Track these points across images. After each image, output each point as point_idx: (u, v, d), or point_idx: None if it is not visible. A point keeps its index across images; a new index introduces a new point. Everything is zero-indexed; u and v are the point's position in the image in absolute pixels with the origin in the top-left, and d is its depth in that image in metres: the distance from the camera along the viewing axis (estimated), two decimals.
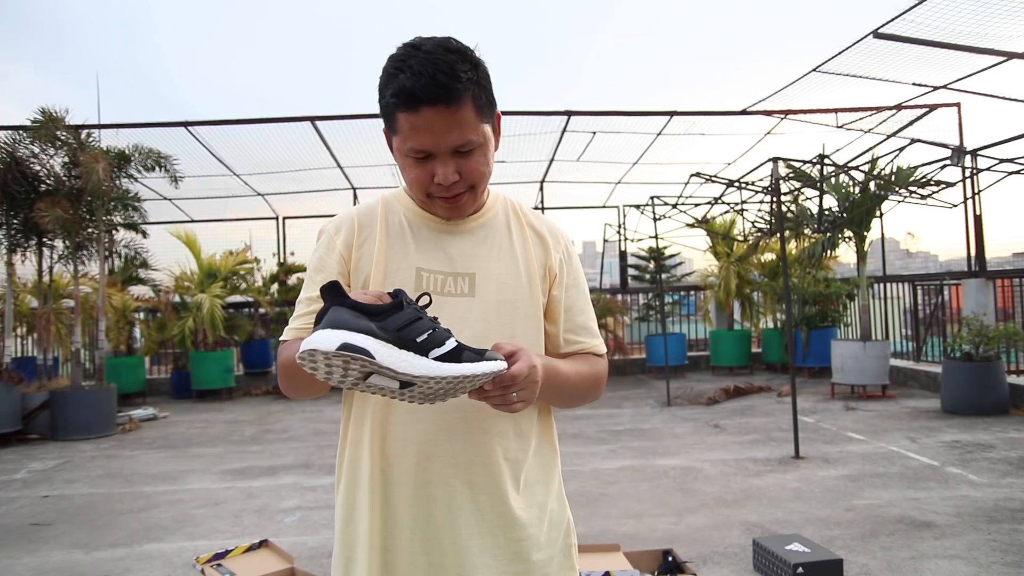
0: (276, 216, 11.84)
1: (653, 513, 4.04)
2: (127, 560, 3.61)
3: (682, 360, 10.37)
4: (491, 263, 1.21)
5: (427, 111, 1.07)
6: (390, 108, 1.10)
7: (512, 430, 1.20)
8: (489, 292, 1.20)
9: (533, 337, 1.23)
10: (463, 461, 1.16)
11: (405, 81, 1.06)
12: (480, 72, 1.11)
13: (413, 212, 1.23)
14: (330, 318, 0.95)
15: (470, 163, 1.13)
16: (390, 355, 0.93)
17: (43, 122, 7.31)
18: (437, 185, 1.13)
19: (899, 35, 6.36)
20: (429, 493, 1.16)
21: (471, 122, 1.11)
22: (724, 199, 9.21)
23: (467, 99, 1.09)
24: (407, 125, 1.09)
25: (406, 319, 0.96)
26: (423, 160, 1.12)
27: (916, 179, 7.44)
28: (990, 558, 3.20)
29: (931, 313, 9.08)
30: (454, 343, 0.97)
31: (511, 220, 1.27)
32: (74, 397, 7.20)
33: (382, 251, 1.20)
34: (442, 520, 1.16)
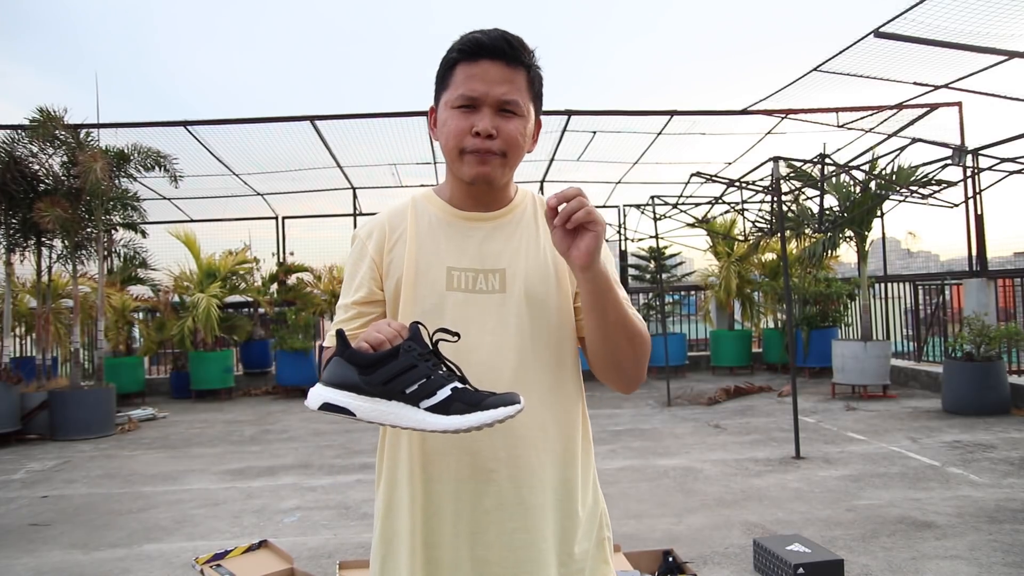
0: (275, 216, 11.83)
1: (653, 513, 4.03)
2: (126, 560, 3.60)
3: (682, 360, 10.36)
4: (519, 258, 1.22)
5: (486, 62, 1.14)
6: (452, 63, 1.17)
7: (551, 423, 1.20)
8: (518, 287, 1.20)
9: (563, 330, 1.23)
10: (504, 456, 1.17)
11: (475, 35, 1.16)
12: (537, 63, 1.20)
13: (443, 210, 1.25)
14: (327, 371, 1.00)
15: (509, 126, 1.16)
16: (373, 410, 0.96)
17: (41, 121, 7.30)
18: (474, 136, 1.15)
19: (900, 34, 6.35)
20: (472, 488, 1.16)
21: (521, 88, 1.17)
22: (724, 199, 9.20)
23: (522, 70, 1.17)
24: (463, 75, 1.15)
25: (396, 370, 0.97)
26: (467, 111, 1.15)
27: (917, 179, 7.43)
28: (991, 558, 3.19)
29: (932, 313, 9.06)
30: (447, 393, 0.97)
31: (538, 214, 1.27)
32: (73, 397, 7.18)
33: (412, 252, 1.21)
34: (485, 515, 1.16)
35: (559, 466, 1.21)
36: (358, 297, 1.23)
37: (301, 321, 10.06)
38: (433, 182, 11.59)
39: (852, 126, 9.39)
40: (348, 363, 0.98)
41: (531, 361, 1.19)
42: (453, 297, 1.19)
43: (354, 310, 1.23)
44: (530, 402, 1.13)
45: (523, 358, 1.18)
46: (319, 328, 11.54)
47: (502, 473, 1.17)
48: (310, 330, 10.33)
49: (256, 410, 8.62)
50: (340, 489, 4.77)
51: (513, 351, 1.18)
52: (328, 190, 11.36)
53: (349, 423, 7.41)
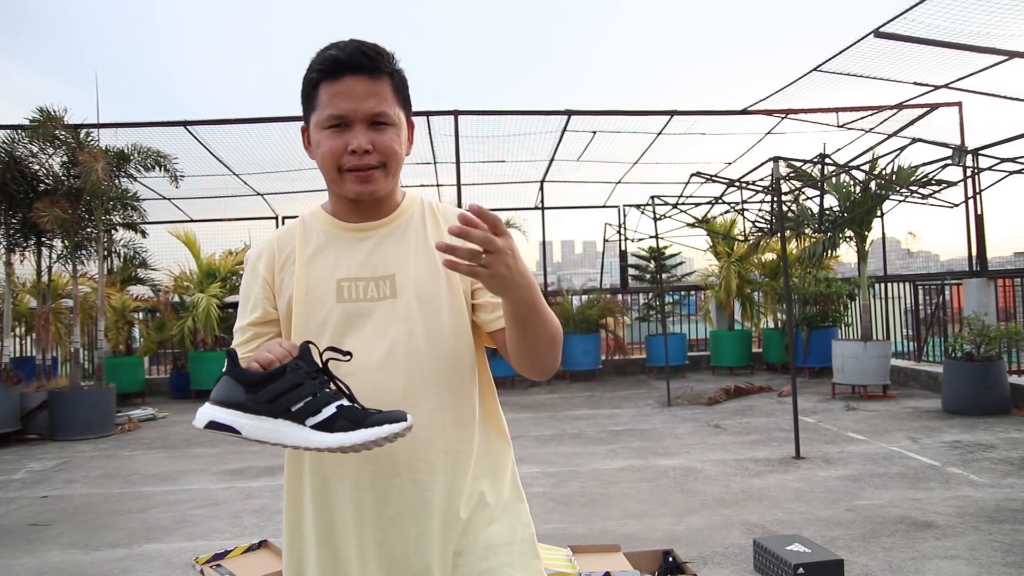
0: (275, 216, 11.83)
1: (653, 513, 4.03)
2: (126, 560, 3.60)
3: (682, 360, 10.35)
4: (408, 262, 1.22)
5: (349, 78, 1.14)
6: (313, 83, 1.17)
7: (451, 422, 1.19)
8: (409, 291, 1.20)
9: (458, 329, 1.23)
10: (404, 458, 1.15)
11: (331, 52, 1.15)
12: (399, 68, 1.20)
13: (331, 224, 1.26)
14: (215, 390, 1.01)
15: (383, 137, 1.17)
16: (259, 428, 0.97)
17: (41, 121, 7.30)
18: (350, 155, 1.15)
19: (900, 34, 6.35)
20: (374, 496, 1.16)
21: (388, 98, 1.17)
22: (724, 199, 9.20)
23: (386, 78, 1.17)
24: (327, 94, 1.15)
25: (282, 388, 0.97)
26: (339, 130, 1.16)
27: (917, 179, 7.43)
28: (991, 558, 3.19)
29: (932, 313, 9.06)
30: (332, 410, 0.97)
31: (427, 218, 1.28)
32: (73, 397, 7.18)
33: (302, 270, 1.22)
34: (389, 522, 1.15)
35: (464, 466, 1.20)
36: (253, 318, 1.24)
37: None
38: (433, 182, 11.59)
39: (852, 126, 9.39)
40: (236, 381, 0.99)
41: (426, 362, 1.18)
42: (345, 308, 1.19)
43: (250, 331, 1.24)
44: (428, 403, 1.16)
45: (418, 360, 1.18)
46: None
47: (403, 477, 1.16)
48: None
49: None
50: None
51: (407, 355, 1.17)
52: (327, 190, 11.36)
53: None
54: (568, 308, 10.20)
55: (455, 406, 1.20)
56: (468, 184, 9.45)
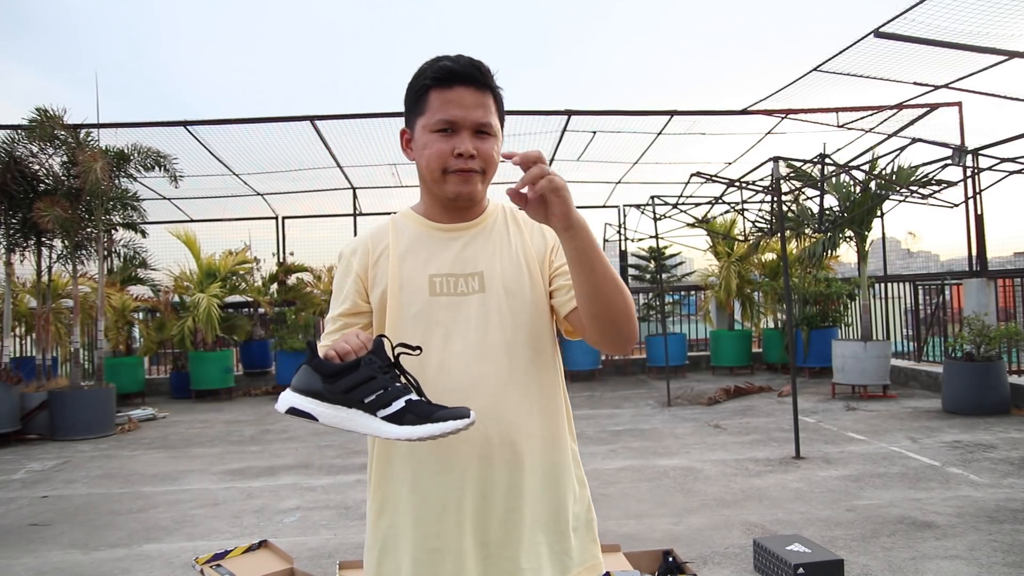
0: (275, 216, 11.83)
1: (653, 513, 4.03)
2: (126, 560, 3.60)
3: (682, 360, 10.35)
4: (495, 260, 1.32)
5: (460, 88, 1.24)
6: (425, 89, 1.25)
7: (537, 409, 1.30)
8: (496, 286, 1.30)
9: (540, 321, 1.33)
10: (497, 442, 1.25)
11: (445, 63, 1.25)
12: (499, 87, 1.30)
13: (422, 224, 1.36)
14: (295, 378, 1.08)
15: (486, 146, 1.26)
16: (335, 416, 1.05)
17: (40, 121, 7.30)
18: (456, 157, 1.25)
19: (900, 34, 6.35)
20: (471, 476, 1.24)
21: (492, 110, 1.27)
22: (724, 199, 9.20)
23: (490, 93, 1.27)
24: (439, 101, 1.24)
25: (356, 380, 1.05)
26: (447, 135, 1.25)
27: (917, 179, 7.43)
28: (991, 558, 3.19)
29: (932, 313, 9.06)
30: (401, 404, 1.05)
31: (509, 222, 1.38)
32: (73, 397, 7.18)
33: (395, 265, 1.32)
34: (483, 500, 1.24)
35: (548, 449, 1.30)
36: (343, 309, 1.33)
37: (301, 321, 10.06)
38: None
39: (852, 126, 9.39)
40: (314, 371, 1.07)
41: (515, 352, 1.28)
42: (436, 301, 1.29)
43: (340, 321, 1.33)
44: (517, 390, 1.27)
45: (508, 350, 1.28)
46: (319, 328, 11.54)
47: (496, 459, 1.24)
48: (310, 330, 10.33)
49: (256, 410, 8.62)
50: (340, 489, 4.77)
51: (496, 345, 1.27)
52: (328, 190, 11.37)
53: None
54: None
55: (541, 392, 1.31)
56: None
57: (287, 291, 10.86)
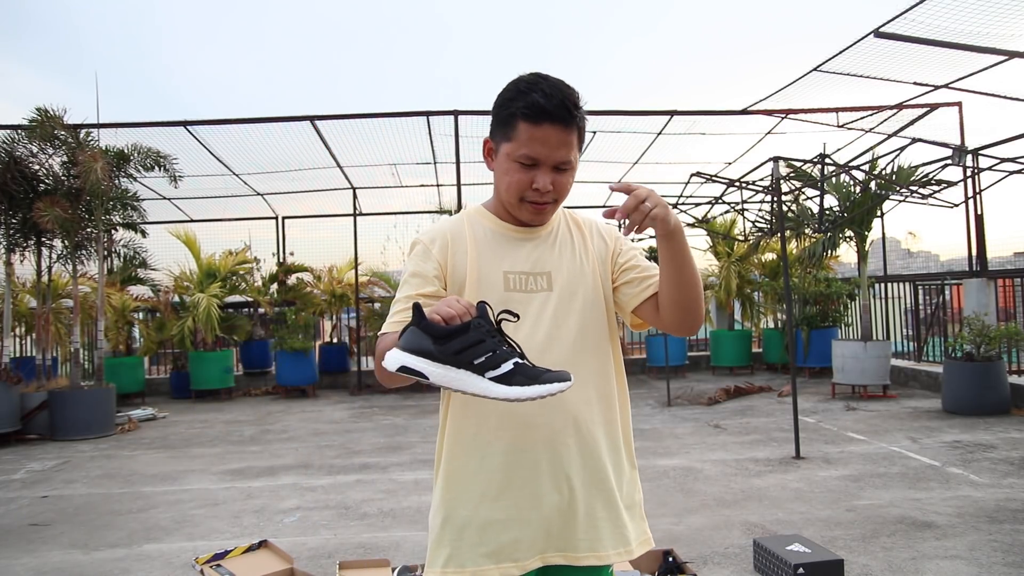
0: (275, 216, 11.83)
1: (653, 513, 4.02)
2: (126, 560, 3.60)
3: (682, 360, 10.36)
4: (562, 262, 1.44)
5: (548, 127, 1.30)
6: (514, 118, 1.32)
7: (596, 398, 1.42)
8: (562, 286, 1.42)
9: (601, 319, 1.45)
10: (560, 427, 1.36)
11: (539, 99, 1.30)
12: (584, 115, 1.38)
13: (496, 224, 1.45)
14: (404, 338, 1.12)
15: (563, 179, 1.37)
16: (445, 376, 1.09)
17: (40, 121, 7.30)
18: (534, 191, 1.35)
19: (900, 34, 6.35)
20: (532, 458, 1.35)
21: (574, 147, 1.36)
22: (724, 199, 9.20)
23: (575, 128, 1.35)
24: (526, 135, 1.31)
25: (467, 342, 1.09)
26: (528, 167, 1.34)
27: (917, 179, 7.43)
28: (991, 558, 3.19)
29: (932, 313, 9.06)
30: (510, 366, 1.09)
31: (572, 228, 1.50)
32: (73, 397, 7.18)
33: (474, 258, 1.41)
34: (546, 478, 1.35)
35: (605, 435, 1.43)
36: (428, 291, 1.38)
37: (301, 321, 10.06)
38: (433, 182, 11.59)
39: (852, 126, 9.39)
40: (424, 333, 1.10)
41: (578, 344, 1.40)
42: (510, 296, 1.39)
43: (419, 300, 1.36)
44: (579, 380, 1.31)
45: (571, 343, 1.39)
46: (319, 328, 11.54)
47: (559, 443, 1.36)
48: (310, 330, 10.33)
49: (256, 410, 8.62)
50: (340, 489, 4.77)
51: (562, 338, 1.39)
52: (328, 190, 11.36)
53: (349, 423, 7.41)
54: None
55: (600, 383, 1.43)
56: (468, 184, 9.44)
57: (287, 291, 10.86)
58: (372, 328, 10.41)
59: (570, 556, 1.37)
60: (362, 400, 9.11)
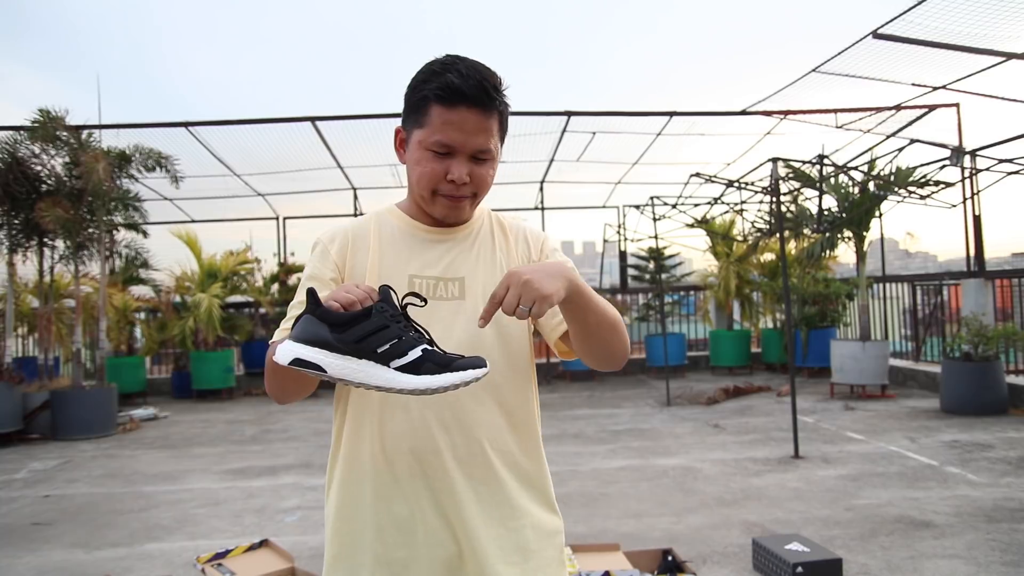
0: (276, 216, 11.85)
1: (653, 513, 4.05)
2: (128, 560, 3.62)
3: (682, 360, 10.37)
4: (478, 268, 1.28)
5: (464, 110, 1.16)
6: (426, 101, 1.17)
7: (505, 423, 1.25)
8: (476, 295, 1.26)
9: (520, 336, 1.29)
10: (463, 454, 1.21)
11: (453, 79, 1.15)
12: (507, 102, 1.23)
13: (406, 223, 1.31)
14: (297, 328, 0.99)
15: (482, 171, 1.22)
16: (344, 367, 0.97)
17: (42, 122, 7.32)
18: (448, 183, 1.20)
19: (898, 35, 6.37)
20: (431, 486, 1.20)
21: (494, 134, 1.21)
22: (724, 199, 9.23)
23: (496, 114, 1.21)
24: (440, 119, 1.17)
25: (369, 329, 0.98)
26: (442, 156, 1.19)
27: (915, 179, 7.45)
28: (989, 557, 3.21)
29: (930, 313, 9.08)
30: (418, 353, 0.98)
31: (495, 230, 1.34)
32: (75, 397, 7.21)
33: (375, 259, 1.27)
34: (446, 513, 1.20)
35: (514, 464, 1.26)
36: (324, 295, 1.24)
37: None
38: None
39: (851, 127, 9.41)
40: (320, 321, 0.98)
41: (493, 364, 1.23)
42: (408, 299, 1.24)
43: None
44: (488, 403, 1.22)
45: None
46: None
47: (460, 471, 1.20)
48: None
49: (257, 410, 8.64)
50: None
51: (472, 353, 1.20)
52: (329, 190, 11.38)
53: None
54: None
55: (513, 409, 1.26)
56: None
57: (288, 291, 10.87)
58: None
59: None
60: None
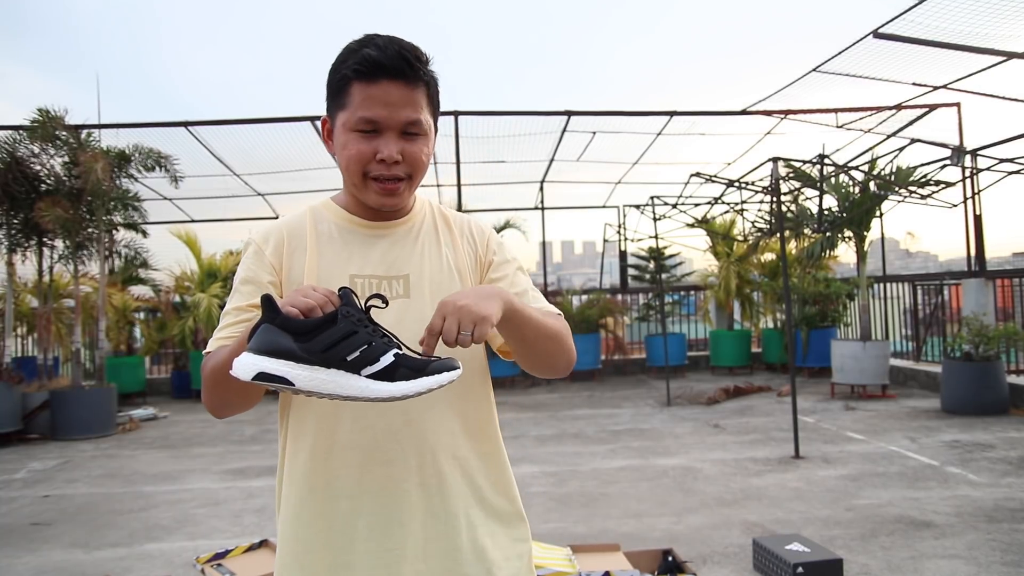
0: (276, 216, 11.84)
1: (653, 513, 4.05)
2: (127, 560, 3.61)
3: (682, 360, 10.37)
4: (423, 263, 1.21)
5: (386, 83, 1.10)
6: (346, 80, 1.11)
7: (460, 428, 1.19)
8: (423, 291, 1.19)
9: None
10: (415, 464, 1.14)
11: (370, 52, 1.09)
12: (435, 75, 1.16)
13: (343, 218, 1.23)
14: (256, 339, 0.92)
15: (414, 148, 1.14)
16: (313, 378, 0.91)
17: (42, 122, 7.31)
18: (378, 163, 1.13)
19: (899, 35, 6.36)
20: (383, 501, 1.13)
21: (423, 106, 1.14)
22: (724, 199, 9.22)
23: (422, 85, 1.13)
24: (361, 96, 1.10)
25: (336, 337, 0.92)
26: (369, 135, 1.12)
27: (916, 179, 7.44)
28: (990, 558, 3.21)
29: (931, 313, 9.08)
30: (390, 359, 0.93)
31: (438, 222, 1.27)
32: (74, 397, 7.20)
33: (314, 259, 1.18)
34: (399, 527, 1.13)
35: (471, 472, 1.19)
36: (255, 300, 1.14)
37: None
38: (433, 182, 11.61)
39: (851, 126, 9.41)
40: (281, 330, 0.91)
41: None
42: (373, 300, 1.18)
43: (248, 313, 1.15)
44: (439, 406, 1.15)
45: None
46: None
47: (412, 481, 1.14)
48: None
49: (256, 410, 8.63)
50: None
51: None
52: (328, 190, 11.34)
53: None
54: (568, 308, 10.21)
55: (466, 412, 1.20)
56: (468, 184, 9.47)
57: None
58: None
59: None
60: None
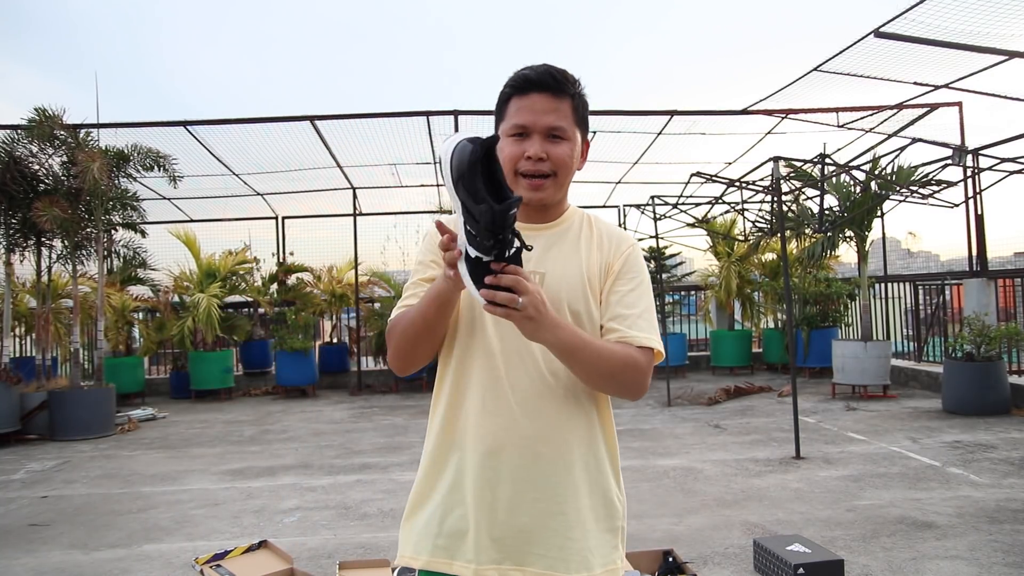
0: (275, 216, 11.83)
1: (653, 513, 4.03)
2: (126, 561, 3.60)
3: (683, 360, 10.36)
4: (559, 264, 1.36)
5: (535, 95, 1.31)
6: (505, 97, 1.34)
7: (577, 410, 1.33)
8: (556, 290, 1.33)
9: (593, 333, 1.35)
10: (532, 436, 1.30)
11: (524, 72, 1.32)
12: (582, 93, 1.36)
13: None
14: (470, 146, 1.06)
15: (558, 149, 1.32)
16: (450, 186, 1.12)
17: (40, 121, 7.30)
18: (526, 160, 1.31)
19: (900, 34, 6.34)
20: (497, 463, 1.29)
21: (567, 115, 1.33)
22: (725, 199, 9.20)
23: (568, 99, 1.33)
24: (515, 107, 1.32)
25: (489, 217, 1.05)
26: (519, 138, 1.32)
27: (917, 179, 7.43)
28: (992, 559, 3.19)
29: (932, 313, 9.06)
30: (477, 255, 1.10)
31: (583, 229, 1.42)
32: (73, 397, 7.18)
33: None
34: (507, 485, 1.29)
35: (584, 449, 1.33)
36: (428, 275, 1.38)
37: (301, 321, 10.06)
38: (433, 182, 11.59)
39: (852, 126, 9.39)
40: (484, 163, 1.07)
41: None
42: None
43: (425, 286, 1.36)
44: (558, 391, 1.31)
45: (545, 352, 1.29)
46: (319, 328, 11.54)
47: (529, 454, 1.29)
48: (310, 330, 10.33)
49: (256, 410, 8.62)
50: (340, 489, 4.77)
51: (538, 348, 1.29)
52: (328, 190, 11.36)
53: (349, 423, 7.41)
54: None
55: (586, 399, 1.34)
56: None
57: (287, 291, 10.86)
58: (372, 328, 10.41)
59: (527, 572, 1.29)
60: (362, 400, 9.11)
